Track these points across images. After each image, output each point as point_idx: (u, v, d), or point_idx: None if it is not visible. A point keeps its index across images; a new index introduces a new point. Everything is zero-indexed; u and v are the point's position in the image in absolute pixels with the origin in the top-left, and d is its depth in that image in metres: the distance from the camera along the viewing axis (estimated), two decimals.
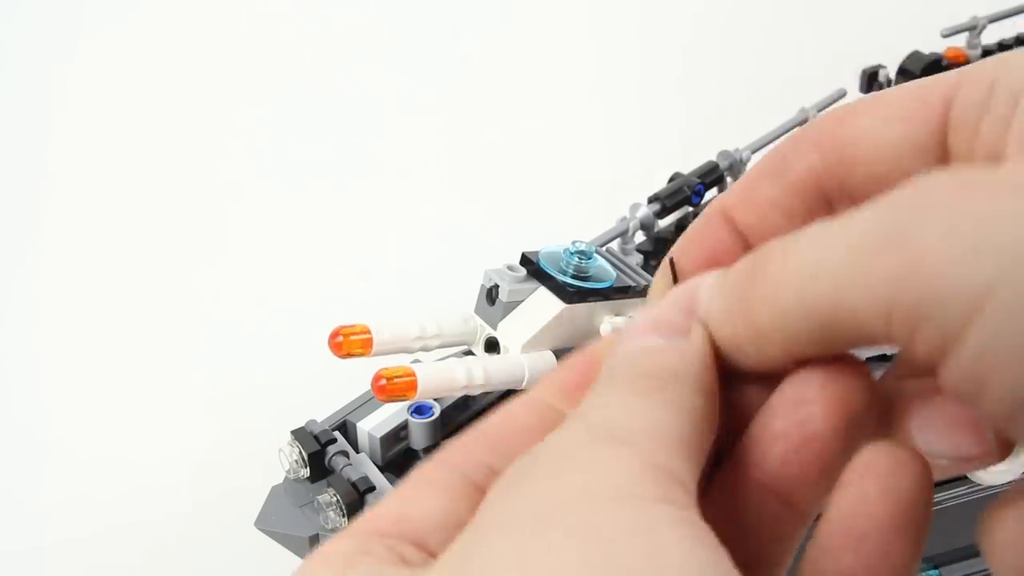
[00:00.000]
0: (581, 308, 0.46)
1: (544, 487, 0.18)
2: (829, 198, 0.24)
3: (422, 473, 0.21)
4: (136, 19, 1.17)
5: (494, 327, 0.47)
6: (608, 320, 0.47)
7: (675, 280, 0.24)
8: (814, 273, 0.19)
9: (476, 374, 0.40)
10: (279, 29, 1.17)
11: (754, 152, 0.65)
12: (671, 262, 0.24)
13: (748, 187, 0.25)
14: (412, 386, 0.37)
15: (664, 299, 0.22)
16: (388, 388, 0.36)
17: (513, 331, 0.46)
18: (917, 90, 0.23)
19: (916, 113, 0.23)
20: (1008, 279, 0.16)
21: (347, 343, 0.41)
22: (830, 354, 0.20)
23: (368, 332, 0.42)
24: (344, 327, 0.41)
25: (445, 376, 0.39)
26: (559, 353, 0.46)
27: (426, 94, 1.09)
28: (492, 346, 0.48)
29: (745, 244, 0.24)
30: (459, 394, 0.39)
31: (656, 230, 0.63)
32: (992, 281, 0.16)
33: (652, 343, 0.21)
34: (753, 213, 0.24)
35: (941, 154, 0.23)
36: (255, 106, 1.08)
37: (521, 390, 0.44)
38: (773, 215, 0.24)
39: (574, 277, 0.47)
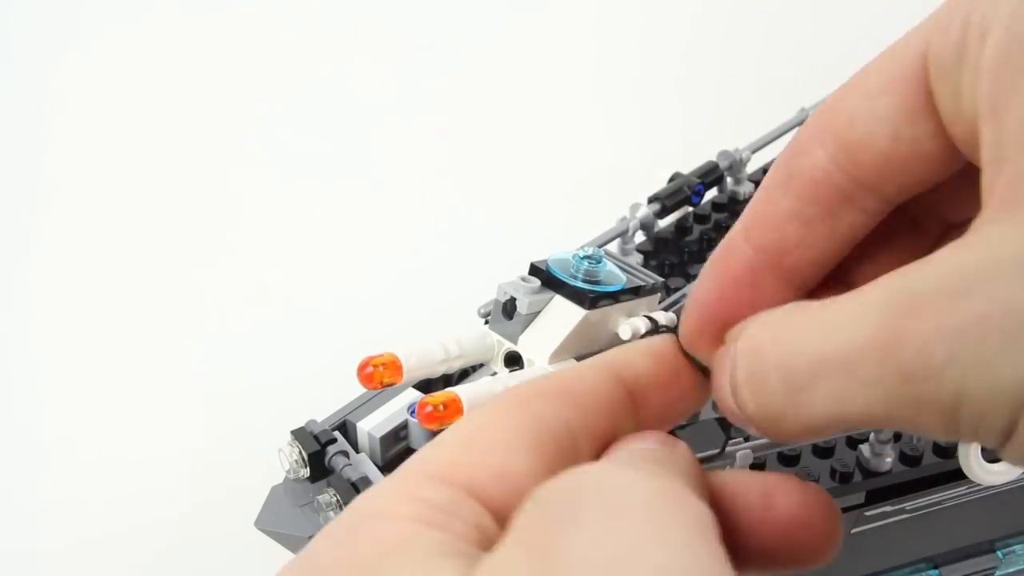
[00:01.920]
0: (597, 313, 0.46)
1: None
2: (845, 192, 0.23)
3: (509, 411, 0.21)
4: (135, 17, 1.17)
5: (515, 341, 0.47)
6: (625, 322, 0.47)
7: (685, 355, 0.24)
8: (855, 399, 0.19)
9: None
10: (285, 28, 1.17)
11: (754, 152, 0.65)
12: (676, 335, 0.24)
13: (761, 202, 0.24)
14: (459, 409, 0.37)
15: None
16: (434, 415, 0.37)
17: (536, 343, 0.46)
18: (893, 51, 0.22)
19: (895, 78, 0.21)
20: None
21: (378, 373, 0.41)
22: None
23: (397, 360, 0.42)
24: (374, 358, 0.42)
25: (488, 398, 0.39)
26: (581, 360, 0.46)
27: (422, 95, 1.10)
28: (513, 360, 0.48)
29: (770, 263, 0.24)
30: None
31: (656, 230, 0.63)
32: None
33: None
34: (770, 229, 0.23)
35: (932, 113, 0.21)
36: (256, 105, 1.08)
37: None
38: (791, 227, 0.23)
39: (586, 282, 0.48)
